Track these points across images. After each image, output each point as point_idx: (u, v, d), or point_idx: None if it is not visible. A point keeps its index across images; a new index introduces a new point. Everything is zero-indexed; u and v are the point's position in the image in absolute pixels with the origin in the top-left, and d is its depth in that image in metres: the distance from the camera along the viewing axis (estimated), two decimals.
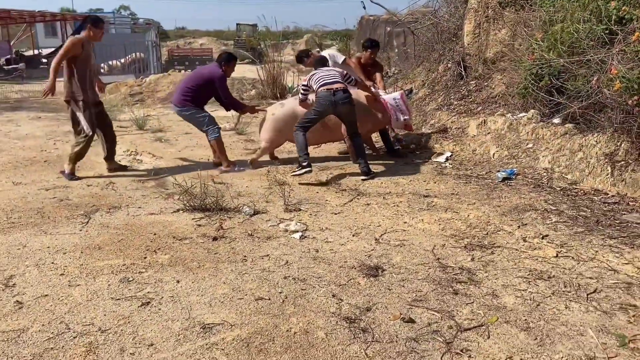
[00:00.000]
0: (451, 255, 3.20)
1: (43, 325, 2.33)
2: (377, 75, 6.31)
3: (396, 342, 2.26)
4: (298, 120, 5.21)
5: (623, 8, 4.53)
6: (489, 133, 5.84)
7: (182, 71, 17.62)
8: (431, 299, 2.64)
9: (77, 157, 5.07)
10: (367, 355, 2.15)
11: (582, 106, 4.55)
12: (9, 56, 21.24)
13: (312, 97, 5.34)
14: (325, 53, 6.43)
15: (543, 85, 5.22)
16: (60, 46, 21.35)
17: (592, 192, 4.28)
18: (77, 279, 2.80)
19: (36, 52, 27.12)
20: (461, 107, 6.90)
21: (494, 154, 5.49)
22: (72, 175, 5.02)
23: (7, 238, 3.40)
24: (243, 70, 16.56)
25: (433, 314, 2.49)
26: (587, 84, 4.47)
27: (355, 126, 5.22)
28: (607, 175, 4.33)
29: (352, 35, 32.48)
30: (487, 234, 3.53)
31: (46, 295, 2.61)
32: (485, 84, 7.05)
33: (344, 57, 6.33)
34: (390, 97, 5.72)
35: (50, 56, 25.60)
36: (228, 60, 5.57)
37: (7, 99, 12.25)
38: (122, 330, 2.31)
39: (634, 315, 2.43)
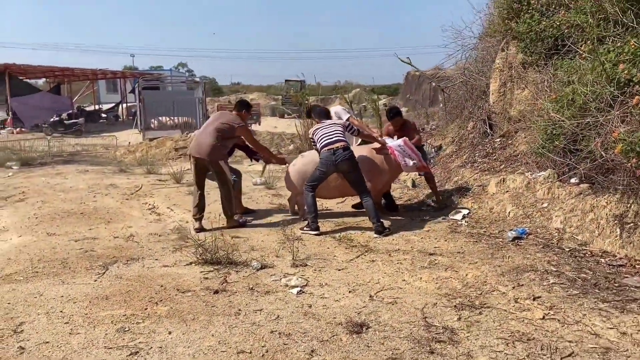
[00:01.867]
0: (439, 314, 3.23)
1: None
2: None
3: None
4: (306, 181, 5.45)
5: (632, 71, 4.57)
6: (507, 191, 5.84)
7: None
8: (406, 357, 2.68)
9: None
10: None
11: (586, 167, 4.53)
12: (70, 111, 22.96)
13: None
14: (331, 109, 6.75)
15: (558, 145, 5.24)
16: (120, 102, 22.83)
17: (600, 253, 4.19)
18: (79, 328, 3.05)
19: (97, 107, 29.30)
20: (484, 164, 6.95)
21: (509, 212, 5.47)
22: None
23: (27, 286, 3.75)
24: (287, 126, 17.28)
25: None
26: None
27: (361, 184, 5.35)
28: (616, 237, 4.24)
29: (400, 89, 33.05)
30: (480, 293, 3.53)
31: (47, 342, 2.86)
32: (510, 142, 7.10)
33: (348, 114, 6.62)
34: (395, 144, 5.79)
35: (109, 111, 27.74)
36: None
37: (61, 152, 13.29)
38: None
39: None
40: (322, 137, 5.36)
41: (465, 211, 5.86)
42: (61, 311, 3.28)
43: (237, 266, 4.24)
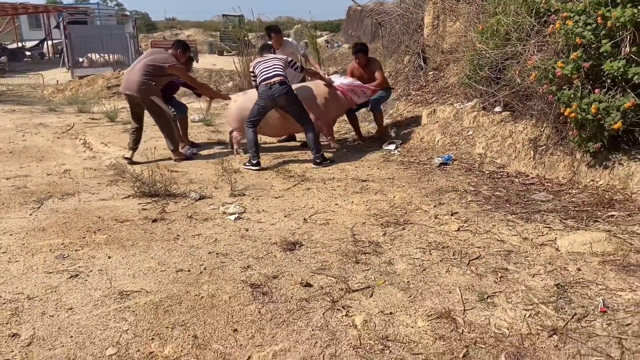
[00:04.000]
0: (367, 231, 3.52)
1: None
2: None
3: (290, 302, 2.57)
4: (247, 117, 5.47)
5: (550, 2, 4.83)
6: (437, 122, 6.16)
7: None
8: (334, 268, 2.96)
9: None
10: (260, 313, 2.47)
11: (506, 95, 4.87)
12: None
13: None
14: (287, 40, 6.69)
15: (483, 75, 5.54)
16: (45, 39, 21.10)
17: (515, 174, 4.61)
18: (17, 256, 3.10)
19: (20, 44, 27.08)
20: (418, 97, 7.22)
21: (438, 141, 5.81)
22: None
23: None
24: (226, 63, 16.79)
25: (330, 280, 2.80)
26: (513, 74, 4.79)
27: (302, 116, 5.45)
28: (530, 159, 4.66)
29: (342, 24, 32.27)
30: (405, 212, 3.85)
31: None
32: (442, 74, 7.37)
33: (302, 50, 6.60)
34: (343, 82, 5.93)
35: (34, 49, 25.71)
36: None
37: None
38: (47, 297, 2.61)
39: (501, 277, 2.76)
40: (261, 71, 5.36)
41: (399, 142, 6.15)
42: None
43: (175, 198, 4.34)
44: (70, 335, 2.26)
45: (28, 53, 24.94)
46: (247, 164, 5.41)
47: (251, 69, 5.59)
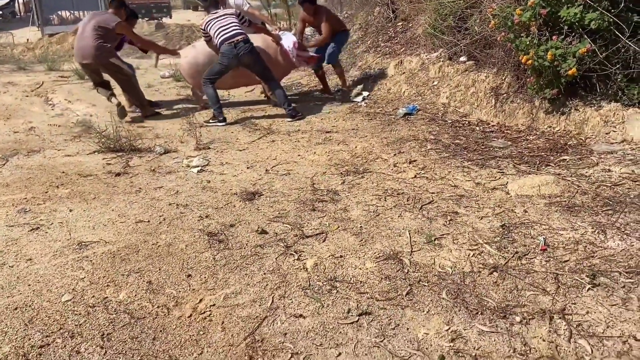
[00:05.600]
0: (327, 180, 3.60)
1: None
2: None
3: (244, 248, 2.67)
4: (204, 74, 5.34)
5: None
6: (403, 73, 6.15)
7: (139, 20, 17.22)
8: (290, 216, 3.05)
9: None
10: (214, 259, 2.57)
11: (467, 44, 4.87)
12: None
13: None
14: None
15: (447, 25, 5.51)
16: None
17: (477, 123, 4.69)
18: None
19: None
20: (386, 48, 7.16)
21: (404, 92, 5.83)
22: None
23: None
24: (199, 18, 16.32)
25: (286, 227, 2.90)
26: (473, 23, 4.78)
27: (267, 73, 5.38)
28: (491, 107, 4.73)
29: None
30: (365, 162, 3.93)
31: None
32: (410, 25, 7.29)
33: (248, 4, 6.41)
34: (286, 43, 5.77)
35: (4, 7, 24.57)
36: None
37: None
38: (8, 249, 2.67)
39: (450, 220, 2.89)
40: (219, 30, 5.15)
41: (366, 93, 6.16)
42: None
43: (140, 152, 4.35)
44: (28, 284, 2.34)
45: (0, 12, 23.92)
46: (210, 121, 5.33)
47: (202, 27, 5.34)
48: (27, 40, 14.27)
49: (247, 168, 3.93)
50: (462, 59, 5.49)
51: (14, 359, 1.86)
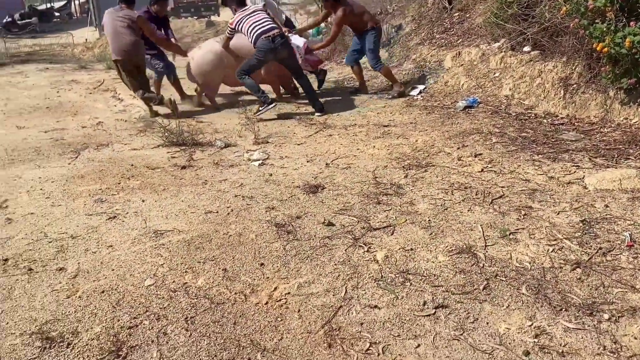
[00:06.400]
0: (389, 174, 3.56)
1: (26, 234, 2.84)
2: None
3: (313, 239, 2.69)
4: (239, 67, 5.37)
5: None
6: (462, 65, 6.00)
7: (189, 18, 17.73)
8: (355, 208, 3.04)
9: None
10: (285, 249, 2.60)
11: (535, 32, 4.68)
12: (22, 11, 21.63)
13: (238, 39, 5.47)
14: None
15: (512, 13, 5.33)
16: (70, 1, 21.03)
17: (544, 115, 4.51)
18: (60, 201, 3.30)
19: (48, 5, 27.35)
20: (442, 40, 7.00)
21: (463, 84, 5.69)
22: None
23: (5, 172, 3.93)
24: None
25: (352, 219, 2.89)
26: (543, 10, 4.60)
27: (298, 68, 5.46)
28: (560, 98, 4.53)
29: None
30: (428, 155, 3.86)
31: (32, 213, 3.12)
32: (467, 15, 7.10)
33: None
34: (295, 44, 5.81)
35: (62, 9, 25.94)
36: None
37: (19, 53, 12.74)
38: (89, 237, 2.80)
39: (524, 214, 2.79)
40: (253, 25, 5.19)
41: (422, 87, 6.05)
42: (41, 189, 3.51)
43: (202, 146, 4.46)
44: (111, 269, 2.45)
45: (57, 14, 25.22)
46: (260, 109, 5.33)
47: (232, 25, 5.34)
48: (86, 40, 14.92)
49: (307, 162, 3.95)
50: (526, 48, 5.29)
51: (105, 338, 1.95)
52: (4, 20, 19.84)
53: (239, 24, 5.29)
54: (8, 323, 2.06)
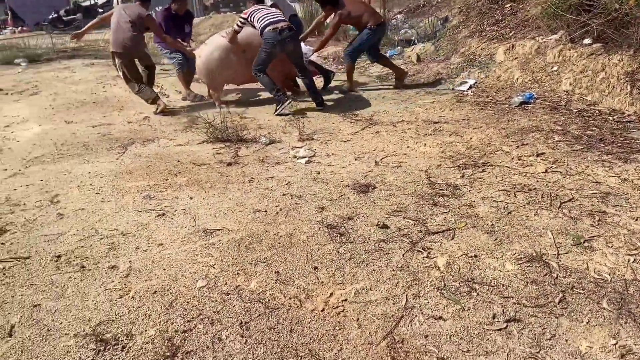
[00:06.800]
0: (443, 174, 3.39)
1: (77, 230, 2.83)
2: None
3: (367, 243, 2.56)
4: (253, 65, 5.30)
5: None
6: (515, 58, 5.72)
7: (228, 13, 17.83)
8: (410, 210, 2.89)
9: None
10: (338, 253, 2.48)
11: (599, 24, 4.38)
12: (67, 7, 22.31)
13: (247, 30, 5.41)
14: None
15: (572, 3, 5.02)
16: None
17: (609, 112, 4.22)
18: (109, 197, 3.29)
19: (92, 1, 28.14)
20: (493, 32, 6.72)
21: (517, 79, 5.41)
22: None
23: (56, 166, 3.97)
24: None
25: (407, 222, 2.75)
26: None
27: (302, 64, 5.44)
28: (627, 94, 4.23)
29: None
30: (484, 154, 3.66)
31: (83, 209, 3.12)
32: (520, 6, 6.79)
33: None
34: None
35: (105, 5, 26.64)
36: None
37: (65, 48, 13.09)
38: (139, 234, 2.76)
39: (599, 220, 2.57)
40: (263, 16, 5.16)
41: (472, 81, 5.81)
42: (90, 184, 3.51)
43: (246, 142, 4.39)
44: (163, 268, 2.39)
45: (100, 10, 25.89)
46: (277, 107, 5.30)
47: (245, 16, 5.29)
48: None
49: (355, 159, 3.81)
50: (587, 41, 4.97)
51: (159, 342, 1.88)
52: (50, 17, 20.51)
53: (252, 15, 5.25)
54: (62, 323, 2.02)
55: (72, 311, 2.09)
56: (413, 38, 8.25)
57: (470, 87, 5.66)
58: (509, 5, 6.96)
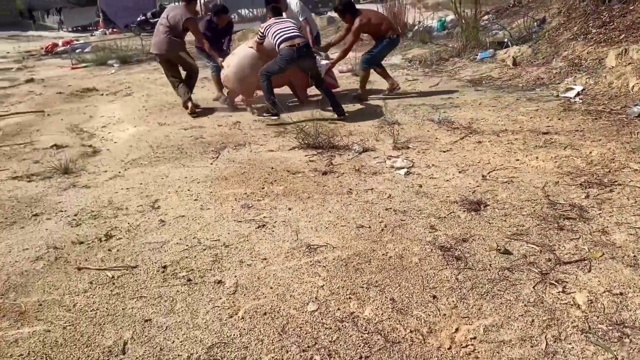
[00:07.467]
0: (563, 192, 3.06)
1: (180, 239, 2.81)
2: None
3: (489, 270, 2.31)
4: (262, 68, 5.30)
5: None
6: (630, 63, 5.18)
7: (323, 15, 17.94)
8: (533, 234, 2.60)
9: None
10: (457, 280, 2.25)
11: None
12: (154, 10, 23.46)
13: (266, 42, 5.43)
14: (291, 2, 6.38)
15: None
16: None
17: None
18: (208, 204, 3.26)
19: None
20: (600, 35, 6.15)
21: (633, 86, 4.88)
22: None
23: (153, 169, 4.04)
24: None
25: (532, 247, 2.47)
26: None
27: (320, 76, 5.41)
28: None
29: None
30: (609, 171, 3.27)
31: (183, 216, 3.11)
32: (632, 7, 6.16)
33: (306, 15, 6.35)
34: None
35: None
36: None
37: None
38: (242, 246, 2.69)
39: None
40: (278, 31, 5.17)
41: (579, 88, 5.32)
42: (188, 190, 3.52)
43: (338, 150, 4.25)
44: (270, 287, 2.29)
45: None
46: (264, 114, 5.43)
47: (262, 30, 5.37)
48: None
49: (459, 172, 3.56)
50: None
51: None
52: (138, 19, 21.69)
53: (267, 29, 5.31)
54: (174, 342, 1.96)
55: (183, 329, 2.03)
56: (505, 40, 7.77)
57: (578, 94, 5.19)
58: (617, 5, 6.34)
